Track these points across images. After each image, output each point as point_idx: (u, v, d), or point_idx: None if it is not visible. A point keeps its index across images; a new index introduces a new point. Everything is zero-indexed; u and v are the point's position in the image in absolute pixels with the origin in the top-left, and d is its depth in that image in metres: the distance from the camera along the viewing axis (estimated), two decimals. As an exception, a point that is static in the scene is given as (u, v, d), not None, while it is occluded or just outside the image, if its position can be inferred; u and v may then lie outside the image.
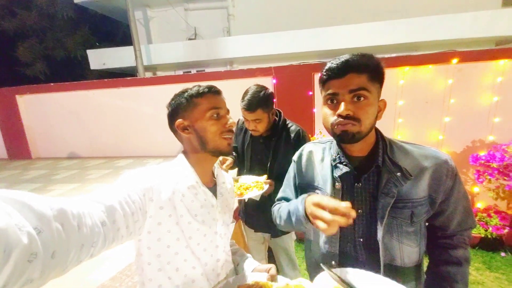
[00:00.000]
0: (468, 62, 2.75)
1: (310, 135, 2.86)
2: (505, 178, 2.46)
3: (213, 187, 0.86)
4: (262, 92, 1.39)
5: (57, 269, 0.42)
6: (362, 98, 0.69)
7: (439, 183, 0.74)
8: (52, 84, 4.46)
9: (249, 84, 3.46)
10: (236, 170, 1.77)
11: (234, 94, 1.38)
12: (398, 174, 0.73)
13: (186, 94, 0.78)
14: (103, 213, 0.54)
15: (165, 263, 0.75)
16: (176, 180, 0.76)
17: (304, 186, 0.92)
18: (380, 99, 0.75)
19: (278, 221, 0.94)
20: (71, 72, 10.70)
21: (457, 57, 2.74)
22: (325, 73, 0.73)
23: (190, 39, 7.66)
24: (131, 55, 6.70)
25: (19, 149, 4.68)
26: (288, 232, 1.63)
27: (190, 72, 7.75)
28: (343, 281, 0.71)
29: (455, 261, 0.80)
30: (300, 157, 0.94)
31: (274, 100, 3.16)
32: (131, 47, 6.70)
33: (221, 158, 1.48)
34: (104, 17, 9.17)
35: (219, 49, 6.91)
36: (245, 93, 1.41)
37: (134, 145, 4.32)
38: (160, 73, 8.08)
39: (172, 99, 0.80)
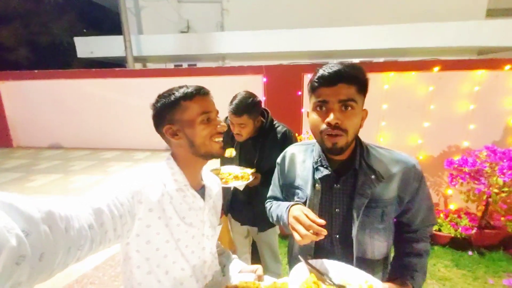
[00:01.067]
0: (449, 70, 2.89)
1: (297, 135, 2.93)
2: (476, 182, 2.63)
3: (201, 190, 0.85)
4: (251, 99, 1.44)
5: (44, 273, 0.42)
6: (349, 108, 0.73)
7: (407, 185, 0.82)
8: (36, 71, 4.30)
9: (240, 81, 3.51)
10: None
11: (224, 91, 1.42)
12: (373, 177, 0.80)
13: (173, 96, 0.74)
14: (90, 216, 0.54)
15: (155, 266, 0.74)
16: (164, 183, 0.75)
17: (287, 187, 0.96)
18: (363, 108, 0.79)
19: (271, 219, 1.03)
20: (56, 59, 10.30)
21: (438, 65, 2.88)
22: (316, 80, 0.75)
23: (182, 32, 7.56)
24: (121, 45, 6.54)
25: (-2, 136, 4.51)
26: (273, 226, 1.69)
27: (182, 65, 7.66)
28: (317, 270, 0.79)
29: (416, 253, 0.88)
30: (283, 159, 0.99)
31: (262, 102, 3.21)
32: (121, 37, 6.55)
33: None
34: (92, 3, 8.88)
35: (212, 43, 6.86)
36: (234, 97, 1.45)
37: (121, 137, 4.26)
38: (150, 65, 7.94)
39: (157, 101, 0.77)
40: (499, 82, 2.84)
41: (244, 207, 1.67)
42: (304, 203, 0.87)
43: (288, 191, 0.96)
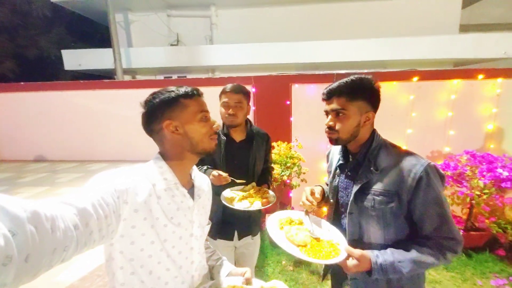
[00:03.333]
0: (427, 80, 3.07)
1: (287, 142, 2.99)
2: (458, 185, 2.74)
3: (190, 189, 0.85)
4: (241, 86, 1.50)
5: (29, 274, 0.41)
6: (340, 114, 0.94)
7: (402, 181, 0.88)
8: (22, 83, 4.23)
9: (230, 91, 3.54)
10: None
11: (214, 101, 1.45)
12: (372, 168, 0.94)
13: (173, 94, 0.77)
14: (75, 216, 0.52)
15: (138, 267, 0.73)
16: (153, 182, 0.75)
17: (329, 170, 1.21)
18: (369, 111, 0.95)
19: None
20: (43, 71, 10.14)
21: (417, 76, 3.05)
22: (322, 96, 1.00)
23: (172, 44, 7.66)
24: (110, 58, 6.55)
25: (-21, 151, 4.34)
26: (260, 231, 1.69)
27: (171, 77, 7.71)
28: (309, 220, 1.06)
29: (412, 250, 0.87)
30: (329, 151, 1.25)
31: (252, 112, 3.27)
32: (110, 49, 6.56)
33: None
34: (81, 17, 8.89)
35: (201, 56, 6.98)
36: (226, 86, 1.49)
37: (110, 149, 4.19)
38: (139, 77, 7.94)
39: (153, 98, 0.77)
40: (474, 91, 3.03)
41: (239, 217, 1.52)
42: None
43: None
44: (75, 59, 7.47)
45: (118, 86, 4.08)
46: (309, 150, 3.18)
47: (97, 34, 10.63)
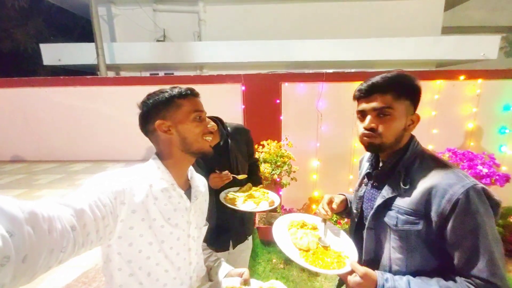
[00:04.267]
0: (412, 80, 3.15)
1: (277, 142, 2.98)
2: (441, 182, 2.84)
3: (187, 190, 0.85)
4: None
5: (27, 275, 0.41)
6: (386, 115, 0.79)
7: (434, 201, 0.73)
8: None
9: (219, 90, 3.52)
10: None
11: (203, 100, 1.39)
12: (400, 182, 0.81)
13: (166, 94, 0.76)
14: (72, 217, 0.52)
15: (137, 268, 0.72)
16: (150, 183, 0.74)
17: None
18: (413, 114, 0.82)
19: None
20: (19, 66, 9.58)
21: (403, 76, 3.12)
22: (357, 93, 0.85)
23: (158, 40, 7.45)
24: (92, 53, 6.28)
25: None
26: (253, 229, 1.66)
27: (158, 74, 7.51)
28: (325, 227, 1.01)
29: (448, 281, 0.73)
30: (362, 157, 1.13)
31: (242, 111, 3.24)
32: (92, 44, 6.29)
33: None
34: (61, 9, 8.47)
35: (189, 53, 6.84)
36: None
37: (92, 148, 4.02)
38: (124, 73, 7.68)
39: (148, 99, 0.77)
40: (456, 91, 3.15)
41: (234, 224, 1.45)
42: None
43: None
44: (54, 53, 7.11)
45: (101, 82, 3.90)
46: (299, 149, 3.19)
47: (78, 27, 10.18)
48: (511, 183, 2.64)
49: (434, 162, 0.80)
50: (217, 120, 1.45)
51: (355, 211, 0.99)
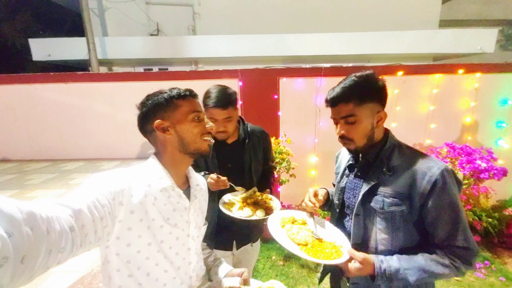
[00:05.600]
0: (411, 75, 3.12)
1: (275, 137, 2.94)
2: (439, 176, 2.84)
3: (186, 190, 0.86)
4: (229, 89, 1.31)
5: (25, 275, 0.41)
6: (351, 122, 0.88)
7: (415, 184, 0.83)
8: (-17, 75, 3.82)
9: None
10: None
11: (199, 96, 1.32)
12: (384, 169, 0.89)
13: (165, 95, 0.77)
14: (71, 218, 0.52)
15: (135, 269, 0.72)
16: (148, 183, 0.74)
17: (336, 172, 1.16)
18: (380, 111, 0.89)
19: None
20: (7, 62, 9.29)
21: (402, 70, 3.09)
22: (325, 103, 0.93)
23: (152, 34, 7.28)
24: (83, 48, 6.10)
25: None
26: (261, 233, 1.59)
27: (152, 69, 7.36)
28: (313, 221, 1.04)
29: (421, 257, 0.82)
30: (340, 151, 1.20)
31: (240, 103, 3.19)
32: (83, 39, 6.10)
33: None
34: (49, 2, 8.19)
35: (184, 47, 6.70)
36: (208, 92, 1.30)
37: (86, 147, 3.92)
38: (116, 69, 7.51)
39: (147, 100, 0.78)
40: (454, 85, 3.13)
41: (238, 224, 1.35)
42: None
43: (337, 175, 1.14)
44: (44, 49, 6.90)
45: (92, 79, 3.78)
46: (297, 144, 3.15)
47: (67, 21, 9.87)
48: (507, 176, 2.66)
49: (410, 151, 0.92)
50: (239, 119, 1.44)
51: (337, 201, 1.07)
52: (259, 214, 1.20)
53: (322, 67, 3.14)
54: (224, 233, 1.40)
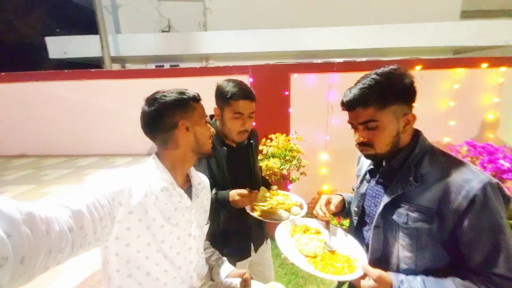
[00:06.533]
0: (430, 69, 2.96)
1: (285, 135, 2.88)
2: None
3: (188, 189, 0.86)
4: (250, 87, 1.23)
5: (25, 276, 0.41)
6: (372, 128, 0.77)
7: (449, 198, 0.70)
8: (2, 73, 3.95)
9: (225, 81, 3.40)
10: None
11: (210, 92, 1.27)
12: (410, 178, 0.76)
13: (185, 96, 0.79)
14: (70, 218, 0.52)
15: (135, 269, 0.72)
16: (149, 183, 0.75)
17: (358, 174, 1.05)
18: (407, 113, 0.77)
19: None
20: (25, 60, 9.63)
21: (420, 64, 2.94)
22: (341, 106, 0.83)
23: (163, 31, 7.32)
24: (97, 45, 6.21)
25: (-41, 145, 4.10)
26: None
27: (163, 66, 7.42)
28: (328, 231, 0.97)
29: (465, 279, 0.69)
30: (361, 154, 1.06)
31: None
32: (97, 36, 6.21)
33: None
34: (65, 1, 8.38)
35: (195, 43, 6.70)
36: (227, 86, 1.16)
37: (99, 143, 4.01)
38: (129, 66, 7.62)
39: (163, 96, 0.77)
40: (477, 80, 2.95)
41: (252, 224, 1.33)
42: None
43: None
44: (60, 46, 7.08)
45: (106, 76, 3.84)
46: (308, 141, 3.09)
47: (82, 19, 10.08)
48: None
49: (445, 158, 0.77)
50: None
51: (356, 209, 0.96)
52: (295, 211, 1.17)
53: (335, 62, 3.04)
54: (243, 241, 1.33)
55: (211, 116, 1.29)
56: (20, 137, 4.10)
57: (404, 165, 0.80)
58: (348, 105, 0.79)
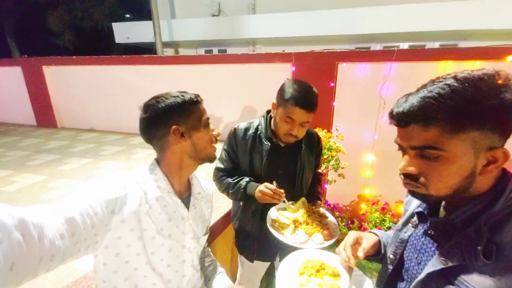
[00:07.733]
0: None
1: (326, 131, 2.64)
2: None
3: (187, 197, 0.84)
4: (314, 89, 1.12)
5: (13, 283, 0.41)
6: (431, 158, 0.52)
7: None
8: (74, 57, 4.53)
9: (267, 69, 3.25)
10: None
11: (253, 79, 1.17)
12: (478, 247, 0.50)
13: (179, 99, 0.75)
14: (62, 225, 0.51)
15: (122, 280, 0.70)
16: (146, 190, 0.73)
17: (405, 208, 0.78)
18: (495, 147, 0.49)
19: None
20: (99, 44, 10.92)
21: (513, 53, 2.30)
22: (389, 118, 0.57)
23: (213, 15, 7.36)
24: (151, 30, 6.59)
25: (46, 117, 4.93)
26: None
27: (212, 51, 7.55)
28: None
29: None
30: None
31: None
32: (151, 22, 6.58)
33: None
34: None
35: (242, 28, 6.58)
36: (290, 87, 1.10)
37: (149, 124, 4.35)
38: (182, 50, 7.97)
39: (157, 103, 0.75)
40: None
41: (262, 239, 1.29)
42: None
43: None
44: (123, 32, 7.76)
45: (155, 61, 4.06)
46: (353, 140, 2.79)
47: (146, 5, 10.84)
48: None
49: None
50: None
51: (392, 256, 0.71)
52: (316, 239, 1.02)
53: (394, 49, 2.60)
54: (267, 246, 1.30)
55: (268, 111, 1.28)
56: (90, 113, 4.73)
57: (472, 224, 0.53)
58: (398, 119, 0.54)
